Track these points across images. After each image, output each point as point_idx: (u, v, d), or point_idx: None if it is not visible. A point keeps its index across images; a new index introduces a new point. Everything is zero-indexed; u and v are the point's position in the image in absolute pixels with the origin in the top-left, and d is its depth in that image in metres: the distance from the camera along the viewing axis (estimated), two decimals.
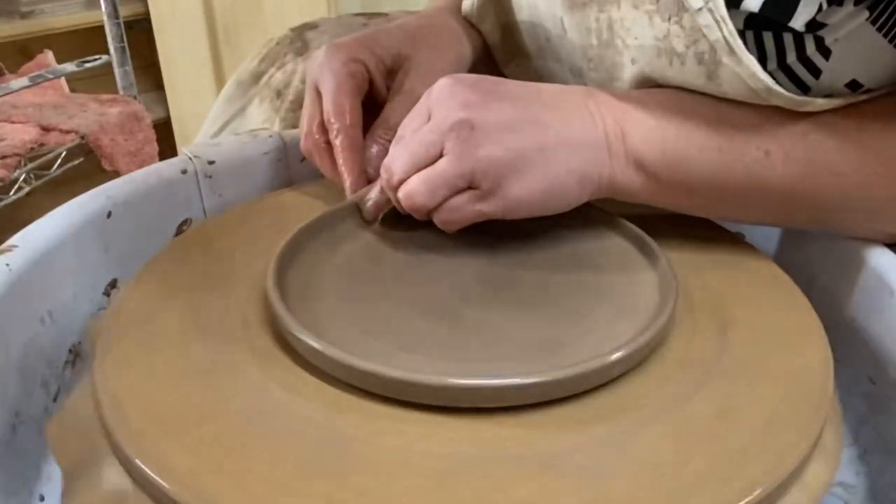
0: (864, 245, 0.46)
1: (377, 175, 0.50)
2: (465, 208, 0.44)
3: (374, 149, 0.53)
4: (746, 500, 0.31)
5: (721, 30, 0.41)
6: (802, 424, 0.34)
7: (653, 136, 0.45)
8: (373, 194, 0.48)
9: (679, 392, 0.36)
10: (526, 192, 0.43)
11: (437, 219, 0.45)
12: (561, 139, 0.43)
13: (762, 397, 0.36)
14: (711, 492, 0.31)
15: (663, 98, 0.46)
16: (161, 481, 0.31)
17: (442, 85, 0.45)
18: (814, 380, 0.37)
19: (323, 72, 0.53)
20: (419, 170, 0.44)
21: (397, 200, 0.45)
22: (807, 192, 0.44)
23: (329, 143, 0.53)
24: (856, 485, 0.41)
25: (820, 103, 0.42)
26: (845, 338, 0.44)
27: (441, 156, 0.43)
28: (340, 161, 0.52)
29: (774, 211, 0.46)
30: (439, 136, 0.43)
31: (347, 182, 0.51)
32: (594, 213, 0.49)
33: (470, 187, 0.43)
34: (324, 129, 0.53)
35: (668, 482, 0.31)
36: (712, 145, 0.44)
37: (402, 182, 0.44)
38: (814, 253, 0.50)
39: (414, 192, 0.44)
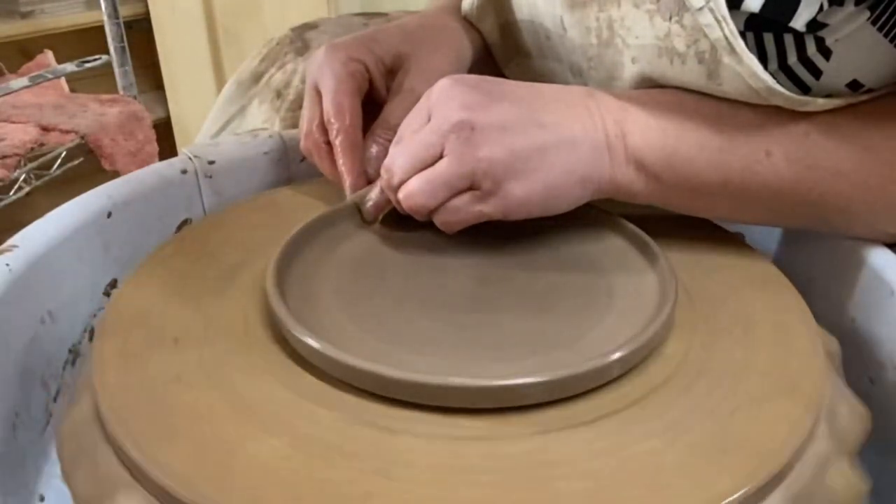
0: (863, 245, 0.46)
1: (377, 175, 0.50)
2: (466, 209, 0.44)
3: (374, 149, 0.53)
4: (742, 493, 0.31)
5: (722, 29, 0.41)
6: (797, 424, 0.35)
7: (653, 136, 0.45)
8: (373, 195, 0.48)
9: (678, 392, 0.36)
10: (526, 192, 0.43)
11: (438, 220, 0.45)
12: (561, 140, 0.43)
13: (759, 397, 0.36)
14: (711, 491, 0.31)
15: (664, 98, 0.46)
16: (163, 480, 0.31)
17: (442, 86, 0.45)
18: (809, 380, 0.37)
19: (322, 71, 0.53)
20: (419, 171, 0.44)
21: (397, 201, 0.45)
22: (808, 192, 0.44)
23: (329, 143, 0.53)
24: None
25: (821, 103, 0.42)
26: (845, 338, 0.44)
27: (441, 157, 0.43)
28: (340, 161, 0.52)
29: (775, 211, 0.46)
30: (439, 137, 0.43)
31: (347, 182, 0.51)
32: (594, 214, 0.49)
33: (470, 188, 0.43)
34: (324, 128, 0.53)
35: (668, 482, 0.31)
36: (713, 145, 0.44)
37: (402, 183, 0.44)
38: (814, 253, 0.50)
39: (414, 192, 0.44)
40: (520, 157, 0.42)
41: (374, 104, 0.55)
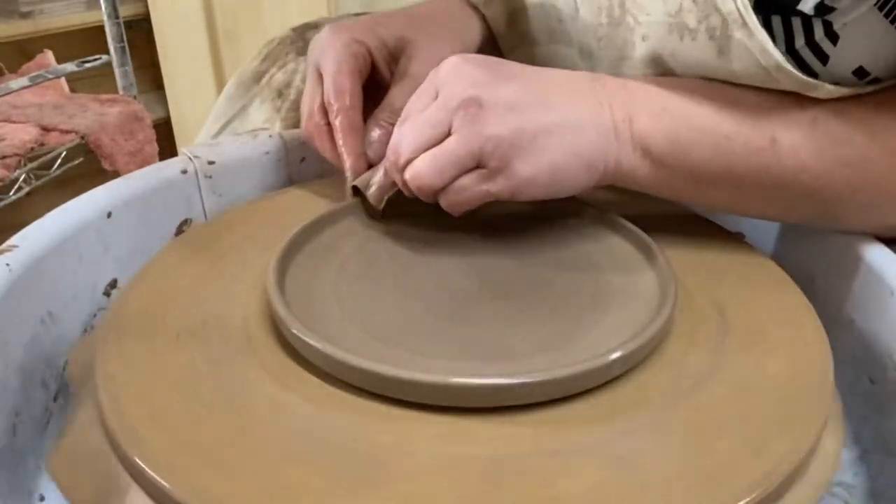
0: (863, 244, 0.46)
1: (378, 159, 0.50)
2: (473, 189, 0.43)
3: (377, 132, 0.52)
4: (746, 500, 0.31)
5: (735, 1, 0.41)
6: (802, 424, 0.34)
7: (659, 121, 0.45)
8: (377, 179, 0.48)
9: (679, 392, 0.36)
10: (532, 172, 0.43)
11: (444, 200, 0.45)
12: (568, 121, 0.43)
13: (761, 397, 0.36)
14: (711, 492, 0.31)
15: (671, 84, 0.46)
16: (163, 482, 0.31)
17: (450, 63, 0.44)
18: (813, 380, 0.37)
19: (324, 52, 0.53)
20: (426, 149, 0.43)
21: (404, 182, 0.45)
22: (812, 180, 0.44)
23: (330, 125, 0.52)
24: (856, 485, 0.41)
25: (828, 89, 0.42)
26: (845, 338, 0.44)
27: (449, 135, 0.43)
28: (340, 142, 0.51)
29: (778, 202, 0.45)
30: (447, 115, 0.43)
31: (347, 163, 0.51)
32: (594, 214, 0.49)
33: (477, 167, 0.43)
34: (324, 110, 0.53)
35: (671, 482, 0.31)
36: (719, 132, 0.44)
37: (409, 162, 0.44)
38: (813, 253, 0.50)
39: (421, 172, 0.43)
40: (527, 136, 0.42)
41: (377, 88, 0.55)
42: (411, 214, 0.49)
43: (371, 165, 0.51)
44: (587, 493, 0.31)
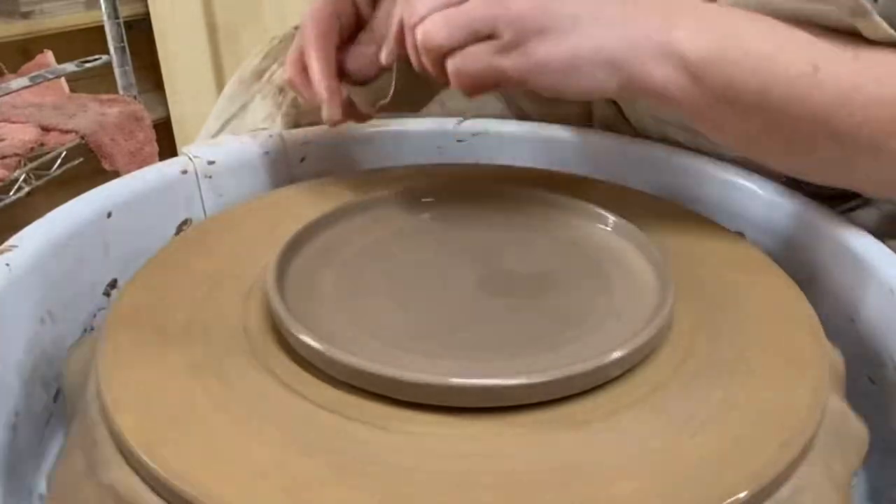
0: (863, 244, 0.46)
1: (363, 75, 0.51)
2: (483, 58, 0.42)
3: (360, 48, 0.52)
4: (742, 495, 0.31)
5: None
6: (799, 424, 0.34)
7: (700, 33, 0.43)
8: (387, 44, 0.47)
9: (678, 391, 0.36)
10: (548, 54, 0.41)
11: (452, 65, 0.43)
12: (599, 15, 0.42)
13: (760, 397, 0.36)
14: (710, 492, 0.31)
15: (716, 5, 0.45)
16: (167, 478, 0.31)
17: None
18: (810, 379, 0.37)
19: (311, 2, 0.53)
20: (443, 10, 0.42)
21: (413, 44, 0.44)
22: (847, 116, 0.42)
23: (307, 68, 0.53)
24: (856, 485, 0.41)
25: (877, 20, 0.41)
26: (844, 337, 0.44)
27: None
28: (312, 66, 0.52)
29: (806, 141, 0.44)
30: None
31: (322, 84, 0.51)
32: (593, 212, 0.49)
33: (492, 37, 0.42)
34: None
35: (672, 482, 0.31)
36: (761, 52, 0.43)
37: (422, 20, 0.42)
38: (813, 253, 0.50)
39: (433, 29, 0.42)
40: (550, 16, 0.41)
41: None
42: (409, 214, 0.49)
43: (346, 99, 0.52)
44: (588, 493, 0.31)
